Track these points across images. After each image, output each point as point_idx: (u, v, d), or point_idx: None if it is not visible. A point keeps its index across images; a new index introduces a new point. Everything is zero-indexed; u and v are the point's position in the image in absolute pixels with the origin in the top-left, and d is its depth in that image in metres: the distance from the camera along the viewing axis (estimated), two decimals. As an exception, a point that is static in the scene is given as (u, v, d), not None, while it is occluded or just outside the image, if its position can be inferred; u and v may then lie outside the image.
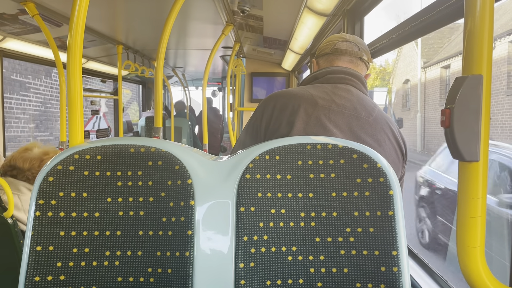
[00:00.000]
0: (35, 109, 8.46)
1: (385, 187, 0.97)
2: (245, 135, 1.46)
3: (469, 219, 0.70)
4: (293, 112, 1.31)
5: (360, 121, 1.31)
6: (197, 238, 0.96)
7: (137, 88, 12.59)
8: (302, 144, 1.01)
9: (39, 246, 0.96)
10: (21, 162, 2.06)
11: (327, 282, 0.96)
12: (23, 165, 2.06)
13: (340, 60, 1.46)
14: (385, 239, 0.95)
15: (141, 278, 0.98)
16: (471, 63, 0.67)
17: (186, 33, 3.83)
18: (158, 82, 2.22)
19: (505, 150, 4.46)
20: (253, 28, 3.42)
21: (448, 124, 0.68)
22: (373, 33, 2.89)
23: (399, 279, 0.93)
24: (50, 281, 0.95)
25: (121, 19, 3.37)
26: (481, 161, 0.68)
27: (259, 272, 0.96)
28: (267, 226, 0.98)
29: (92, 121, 9.31)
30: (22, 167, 2.06)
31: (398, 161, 1.36)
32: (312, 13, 2.53)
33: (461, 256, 0.71)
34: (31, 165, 2.08)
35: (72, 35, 1.13)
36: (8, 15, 2.79)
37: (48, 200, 0.98)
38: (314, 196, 0.99)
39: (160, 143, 1.03)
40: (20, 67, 7.86)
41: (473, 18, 0.65)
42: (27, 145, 2.16)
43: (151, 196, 1.00)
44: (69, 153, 1.00)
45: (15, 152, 2.12)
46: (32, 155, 2.08)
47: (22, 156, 2.07)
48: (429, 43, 19.55)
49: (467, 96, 0.67)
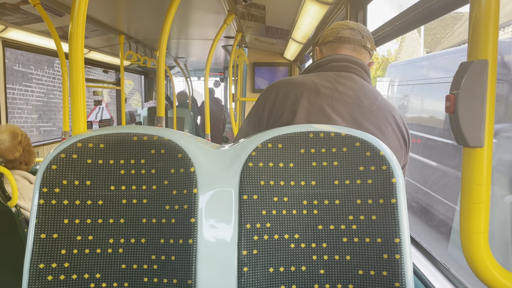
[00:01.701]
0: (37, 99, 8.47)
1: (388, 175, 0.97)
2: (247, 124, 1.46)
3: (473, 205, 0.69)
4: (295, 101, 1.31)
5: (363, 109, 1.31)
6: (200, 226, 0.96)
7: (139, 78, 12.58)
8: (305, 132, 1.01)
9: (43, 233, 0.97)
10: (9, 154, 2.06)
11: (330, 269, 0.97)
12: (13, 156, 2.07)
13: (343, 48, 1.45)
14: (388, 227, 0.95)
15: (145, 265, 0.98)
16: (476, 48, 0.66)
17: (188, 22, 3.82)
18: (160, 72, 2.22)
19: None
20: (255, 17, 3.40)
21: (452, 110, 0.67)
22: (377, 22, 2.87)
23: (401, 266, 0.94)
24: (55, 268, 0.96)
25: (123, 8, 3.35)
26: (485, 147, 0.67)
27: (262, 260, 0.97)
28: (270, 214, 0.98)
29: (95, 111, 9.33)
30: (13, 157, 2.07)
31: (401, 150, 1.36)
32: (314, 1, 2.51)
33: (465, 242, 0.71)
34: (19, 153, 2.09)
35: (74, 24, 1.13)
36: (10, 5, 2.78)
37: (51, 188, 0.98)
38: (317, 184, 0.99)
39: (162, 131, 1.03)
40: (23, 58, 7.86)
41: (479, 2, 0.65)
42: None
43: (154, 184, 1.01)
44: (72, 142, 1.00)
45: None
46: (8, 144, 2.08)
47: (7, 148, 2.07)
48: (432, 33, 19.41)
49: (472, 81, 0.66)
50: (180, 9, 2.84)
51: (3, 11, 2.91)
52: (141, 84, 9.54)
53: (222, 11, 3.09)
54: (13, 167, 2.09)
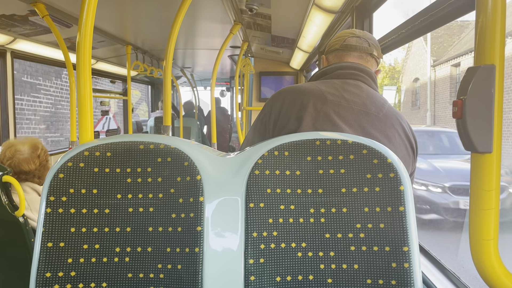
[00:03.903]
0: (45, 110, 8.53)
1: (396, 183, 0.96)
2: (253, 132, 1.46)
3: (483, 211, 0.68)
4: (302, 108, 1.31)
5: (370, 117, 1.30)
6: (206, 234, 0.96)
7: (146, 88, 12.65)
8: (311, 140, 1.01)
9: (50, 242, 0.97)
10: (25, 165, 2.08)
11: (338, 279, 0.96)
12: (28, 167, 2.09)
13: (350, 56, 1.45)
14: (396, 235, 0.94)
15: (151, 274, 0.98)
16: (484, 53, 0.66)
17: (194, 32, 3.84)
18: (166, 82, 2.23)
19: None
20: (261, 26, 3.42)
21: (460, 115, 0.67)
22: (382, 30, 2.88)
23: (410, 275, 0.92)
24: (61, 277, 0.96)
25: (130, 19, 3.39)
26: (494, 152, 0.67)
27: (268, 268, 0.96)
28: (277, 222, 0.98)
29: (102, 121, 9.38)
30: (28, 169, 2.09)
31: (409, 157, 1.35)
32: (320, 10, 2.52)
33: (474, 249, 0.70)
34: (35, 165, 2.11)
35: (81, 35, 1.14)
36: (19, 16, 2.82)
37: (58, 197, 0.98)
38: (324, 192, 0.98)
39: (169, 139, 1.03)
40: (31, 69, 7.94)
41: (486, 7, 0.64)
42: (8, 148, 2.12)
43: (161, 193, 1.00)
44: (79, 150, 1.01)
45: (2, 158, 2.11)
46: (26, 156, 2.10)
47: (25, 159, 2.09)
48: (439, 41, 19.40)
49: (480, 86, 0.66)
50: (187, 20, 2.86)
51: (12, 23, 2.95)
52: (148, 94, 9.60)
53: (228, 21, 3.11)
54: (26, 179, 2.12)
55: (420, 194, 5.98)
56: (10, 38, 3.30)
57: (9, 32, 3.19)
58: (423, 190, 6.00)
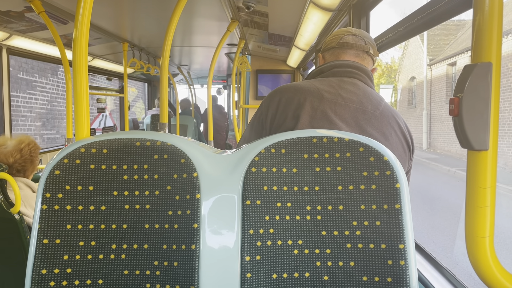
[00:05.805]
0: (41, 107, 8.50)
1: (392, 180, 0.96)
2: (250, 130, 1.46)
3: (478, 208, 0.69)
4: (298, 106, 1.31)
5: (366, 114, 1.30)
6: (203, 232, 0.96)
7: (142, 86, 12.62)
8: (308, 138, 1.01)
9: (46, 239, 0.96)
10: (4, 159, 2.08)
11: (334, 276, 0.96)
12: (7, 161, 2.08)
13: (346, 54, 1.45)
14: (392, 233, 0.95)
15: (148, 271, 0.98)
16: (480, 51, 0.66)
17: (191, 30, 3.84)
18: (163, 79, 2.22)
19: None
20: (258, 24, 3.41)
21: (457, 113, 0.67)
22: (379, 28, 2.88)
23: (406, 272, 0.93)
24: (57, 274, 0.96)
25: (127, 16, 3.37)
26: (490, 150, 0.67)
27: (265, 266, 0.96)
28: (273, 220, 0.98)
29: (98, 119, 9.35)
30: (7, 162, 2.08)
31: (405, 155, 1.35)
32: (317, 8, 2.52)
33: (470, 246, 0.71)
34: (14, 158, 2.10)
35: (78, 32, 1.14)
36: (15, 13, 2.80)
37: (54, 194, 0.98)
38: (320, 190, 0.99)
39: (166, 136, 1.02)
40: (27, 66, 7.91)
41: (483, 5, 0.65)
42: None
43: (157, 190, 1.00)
44: (76, 147, 1.00)
45: None
46: (9, 149, 2.10)
47: (7, 153, 2.09)
48: (435, 40, 19.45)
49: (476, 84, 0.66)
50: (183, 17, 2.86)
51: (8, 19, 2.93)
52: (144, 91, 9.57)
53: (225, 19, 3.10)
54: (11, 173, 2.10)
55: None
56: (5, 35, 3.29)
57: (5, 28, 3.17)
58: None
